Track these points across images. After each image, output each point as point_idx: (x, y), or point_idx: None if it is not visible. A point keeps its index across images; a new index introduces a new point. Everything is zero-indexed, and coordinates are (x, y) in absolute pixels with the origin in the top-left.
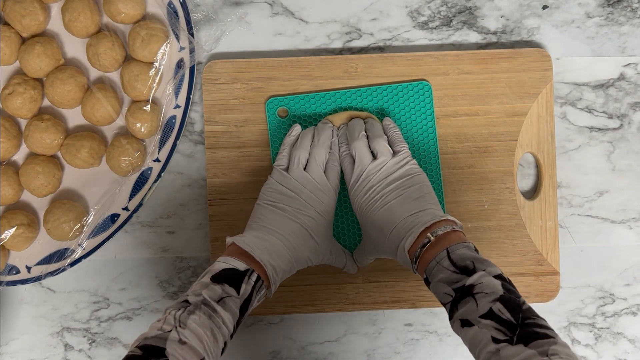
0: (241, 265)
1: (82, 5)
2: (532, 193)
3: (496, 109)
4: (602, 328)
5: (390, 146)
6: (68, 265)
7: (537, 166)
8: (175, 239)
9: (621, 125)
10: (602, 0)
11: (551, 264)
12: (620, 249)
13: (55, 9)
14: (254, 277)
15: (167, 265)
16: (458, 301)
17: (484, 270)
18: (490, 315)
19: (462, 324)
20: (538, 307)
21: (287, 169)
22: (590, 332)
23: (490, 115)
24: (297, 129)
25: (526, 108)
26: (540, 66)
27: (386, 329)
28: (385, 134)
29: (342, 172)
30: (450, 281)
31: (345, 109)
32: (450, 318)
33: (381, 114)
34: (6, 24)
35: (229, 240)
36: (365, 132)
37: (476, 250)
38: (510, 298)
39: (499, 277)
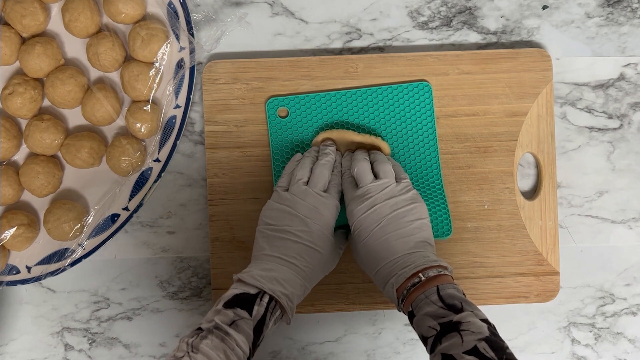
0: (253, 289)
1: (82, 6)
2: (532, 193)
3: (496, 109)
4: (602, 328)
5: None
6: (68, 265)
7: (537, 166)
8: (175, 239)
9: (621, 125)
10: (602, 0)
11: (551, 264)
12: (620, 249)
13: (56, 9)
14: (266, 299)
15: (167, 265)
16: (442, 335)
17: (471, 312)
18: (474, 352)
19: (443, 358)
20: (538, 307)
21: (287, 190)
22: (590, 332)
23: (490, 115)
24: (298, 156)
25: (526, 108)
26: (540, 66)
27: (386, 329)
28: None
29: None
30: (436, 315)
31: (347, 126)
32: (431, 352)
33: (381, 118)
34: (6, 24)
35: (235, 277)
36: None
37: (463, 294)
38: (496, 341)
39: (485, 321)
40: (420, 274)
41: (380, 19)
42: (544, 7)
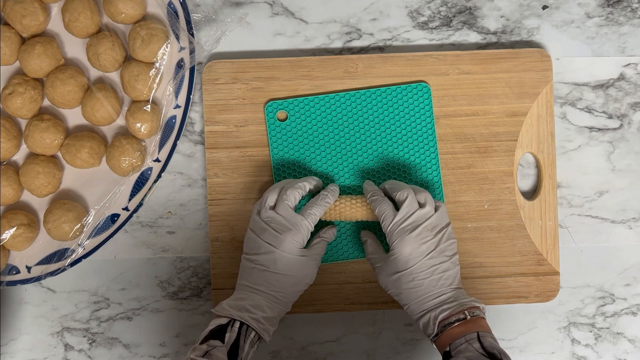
0: (224, 320)
1: (82, 6)
2: (532, 193)
3: (496, 109)
4: (602, 328)
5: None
6: (68, 265)
7: (537, 166)
8: (175, 239)
9: (621, 125)
10: (602, 0)
11: (551, 264)
12: (620, 249)
13: (56, 9)
14: (237, 325)
15: (167, 265)
16: None
17: None
18: None
19: None
20: (538, 307)
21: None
22: (590, 332)
23: (490, 115)
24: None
25: (526, 108)
26: (540, 66)
27: (386, 329)
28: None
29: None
30: None
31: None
32: None
33: (380, 120)
34: (6, 24)
35: (213, 310)
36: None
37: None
38: None
39: None
40: (466, 311)
41: (380, 19)
42: (544, 7)
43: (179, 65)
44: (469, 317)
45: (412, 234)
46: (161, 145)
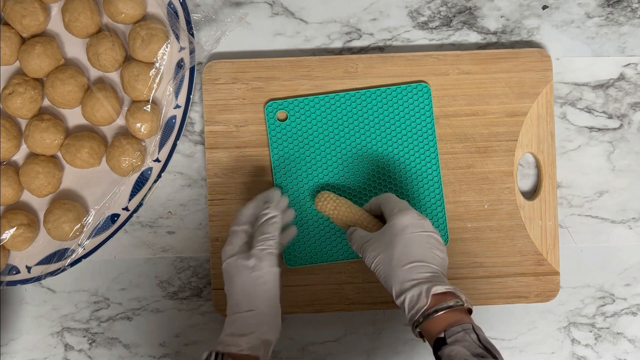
0: (204, 355)
1: (82, 6)
2: (532, 193)
3: (496, 109)
4: (602, 328)
5: None
6: (68, 265)
7: (537, 166)
8: (175, 239)
9: (621, 125)
10: (602, 0)
11: (551, 264)
12: (620, 249)
13: (56, 9)
14: (212, 356)
15: (167, 265)
16: None
17: None
18: None
19: None
20: (538, 307)
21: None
22: (590, 332)
23: (490, 115)
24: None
25: (526, 108)
26: (540, 66)
27: (386, 329)
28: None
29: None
30: (476, 354)
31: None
32: None
33: (380, 120)
34: (6, 24)
35: None
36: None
37: None
38: None
39: None
40: (464, 298)
41: (380, 19)
42: (544, 7)
43: (179, 65)
44: (466, 305)
45: (414, 211)
46: (161, 145)
